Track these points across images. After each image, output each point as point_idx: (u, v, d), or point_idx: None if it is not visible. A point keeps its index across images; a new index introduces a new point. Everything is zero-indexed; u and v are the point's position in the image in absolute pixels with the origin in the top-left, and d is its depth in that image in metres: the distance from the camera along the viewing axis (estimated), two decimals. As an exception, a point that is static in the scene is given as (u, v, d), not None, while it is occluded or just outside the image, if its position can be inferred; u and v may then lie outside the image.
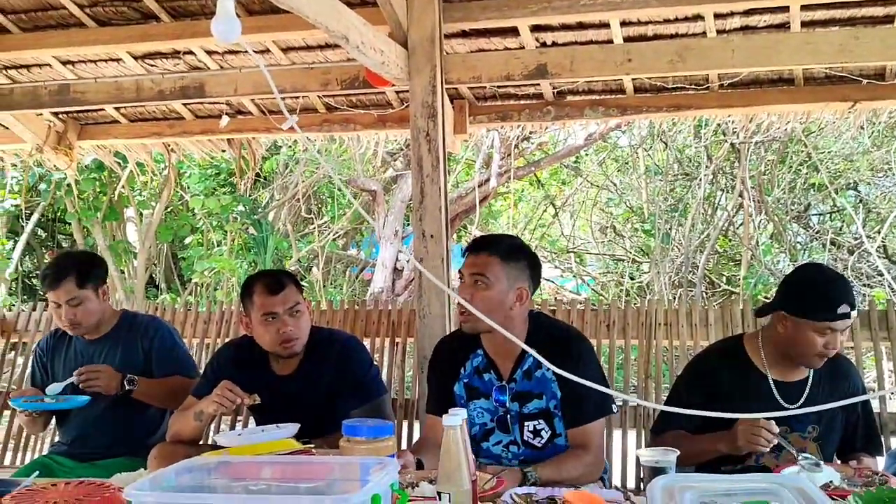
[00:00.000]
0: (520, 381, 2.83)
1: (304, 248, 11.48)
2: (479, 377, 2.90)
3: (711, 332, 4.17)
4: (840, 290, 2.74)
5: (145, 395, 3.47)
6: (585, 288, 11.57)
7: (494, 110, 4.80)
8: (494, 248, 2.81)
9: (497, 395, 2.86)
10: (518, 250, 2.87)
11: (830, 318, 2.70)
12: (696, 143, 10.55)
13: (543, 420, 2.81)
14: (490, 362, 2.88)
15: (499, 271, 2.77)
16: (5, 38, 4.50)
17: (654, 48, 4.03)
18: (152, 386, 3.49)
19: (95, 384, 3.38)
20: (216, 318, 4.89)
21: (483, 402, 2.88)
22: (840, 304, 2.69)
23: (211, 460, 2.10)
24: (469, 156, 10.28)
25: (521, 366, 2.82)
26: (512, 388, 2.83)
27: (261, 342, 3.17)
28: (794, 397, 2.83)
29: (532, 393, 2.82)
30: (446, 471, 2.04)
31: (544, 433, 2.81)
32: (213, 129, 5.12)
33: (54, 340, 3.71)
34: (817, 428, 2.84)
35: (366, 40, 3.42)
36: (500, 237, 2.99)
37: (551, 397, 2.80)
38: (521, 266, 2.83)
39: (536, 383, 2.81)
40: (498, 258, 2.79)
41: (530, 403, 2.82)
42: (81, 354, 3.60)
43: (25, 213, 10.69)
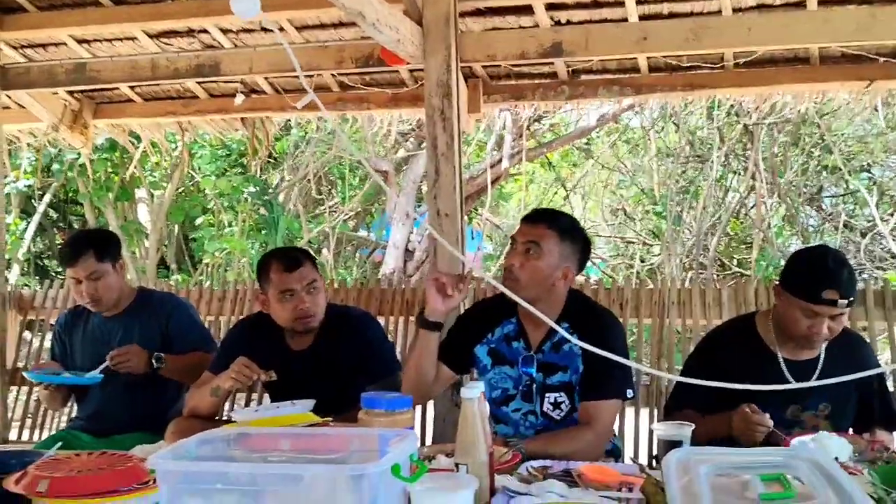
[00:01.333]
0: (547, 352, 2.86)
1: (315, 230, 11.51)
2: (507, 344, 2.92)
3: (725, 311, 4.17)
4: (831, 275, 2.70)
5: (172, 371, 3.50)
6: (596, 271, 11.57)
7: (509, 89, 4.79)
8: (554, 223, 2.83)
9: (524, 366, 2.88)
10: (576, 230, 2.89)
11: (813, 301, 2.69)
12: (708, 125, 10.51)
13: (565, 393, 2.84)
14: (521, 330, 2.90)
15: (553, 245, 2.79)
16: (22, 17, 4.53)
17: (669, 26, 4.01)
18: (178, 362, 3.51)
19: (127, 365, 3.41)
20: (230, 296, 4.92)
21: (508, 368, 2.91)
22: (826, 288, 2.67)
23: (231, 432, 2.12)
24: (481, 137, 10.28)
25: (552, 338, 2.85)
26: (539, 358, 2.85)
27: (278, 319, 3.19)
28: (804, 376, 2.81)
29: (557, 365, 2.85)
30: (463, 443, 2.06)
31: (564, 406, 2.83)
32: (228, 108, 5.12)
33: (73, 317, 3.74)
34: (829, 406, 2.82)
35: (381, 18, 3.42)
36: (562, 213, 2.99)
37: (574, 371, 2.82)
38: (575, 247, 2.85)
39: (563, 356, 2.84)
40: (556, 233, 2.80)
41: (554, 376, 2.84)
42: (99, 330, 3.63)
43: (38, 193, 10.74)
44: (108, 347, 3.53)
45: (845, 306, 2.68)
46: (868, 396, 2.88)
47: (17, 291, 5.25)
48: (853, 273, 2.76)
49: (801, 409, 2.80)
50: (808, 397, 2.79)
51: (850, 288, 2.70)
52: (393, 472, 1.71)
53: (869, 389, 2.87)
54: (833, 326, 2.74)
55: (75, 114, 5.30)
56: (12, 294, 5.14)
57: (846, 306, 2.69)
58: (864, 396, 2.88)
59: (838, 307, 2.68)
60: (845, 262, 2.79)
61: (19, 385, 4.87)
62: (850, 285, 2.70)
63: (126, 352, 3.44)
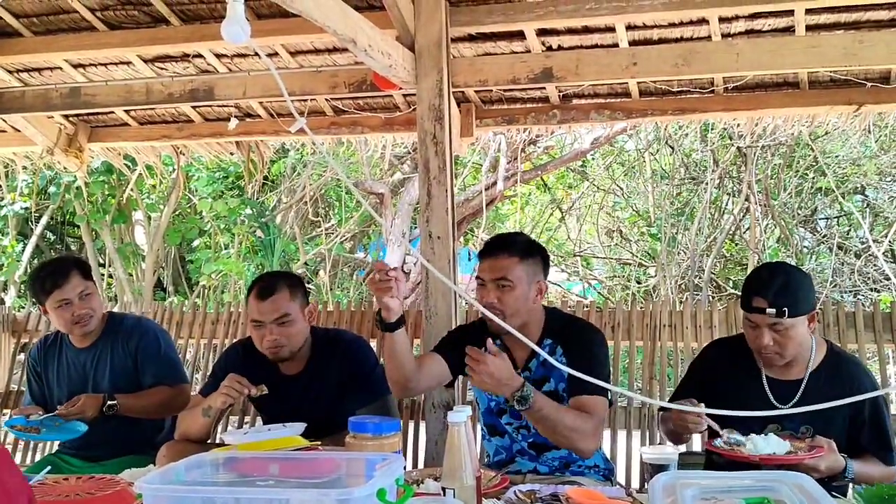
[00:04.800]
0: (535, 370, 2.92)
1: (312, 251, 11.52)
2: None
3: (716, 333, 4.18)
4: (761, 284, 2.71)
5: (131, 410, 3.46)
6: (592, 292, 11.59)
7: (501, 114, 4.83)
8: (512, 248, 2.89)
9: None
10: (532, 246, 2.96)
11: (745, 308, 2.73)
12: (702, 148, 10.56)
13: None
14: (507, 352, 2.91)
15: (520, 271, 2.86)
16: (17, 42, 4.56)
17: (659, 52, 4.06)
18: (136, 400, 3.48)
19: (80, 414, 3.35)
20: (224, 319, 4.92)
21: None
22: (754, 296, 2.69)
23: (219, 455, 2.13)
24: (476, 159, 10.32)
25: (538, 355, 2.89)
26: (527, 376, 2.86)
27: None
28: (787, 396, 2.79)
29: (545, 378, 2.91)
30: (451, 467, 2.07)
31: None
32: (222, 132, 5.16)
33: (45, 349, 3.71)
34: (811, 428, 2.76)
35: (373, 44, 3.46)
36: (513, 236, 3.05)
37: (560, 380, 2.89)
38: (537, 261, 2.93)
39: (549, 369, 2.89)
40: (517, 258, 2.88)
41: (541, 388, 2.86)
42: (73, 364, 3.62)
43: (35, 215, 10.75)
44: (85, 380, 3.53)
45: (775, 315, 2.65)
46: (859, 422, 2.78)
47: (12, 314, 5.25)
48: (795, 285, 2.71)
49: (780, 430, 2.74)
50: (789, 419, 2.75)
51: (783, 298, 2.66)
52: (379, 496, 1.72)
53: (860, 415, 2.77)
54: (778, 339, 2.71)
55: (70, 137, 5.33)
56: (6, 317, 5.14)
57: (776, 315, 2.65)
58: (855, 422, 2.78)
59: (767, 315, 2.67)
60: (786, 273, 2.75)
61: (11, 408, 4.86)
62: (784, 295, 2.67)
63: (72, 403, 3.37)
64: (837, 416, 2.72)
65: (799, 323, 2.70)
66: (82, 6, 4.28)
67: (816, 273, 10.19)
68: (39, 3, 4.34)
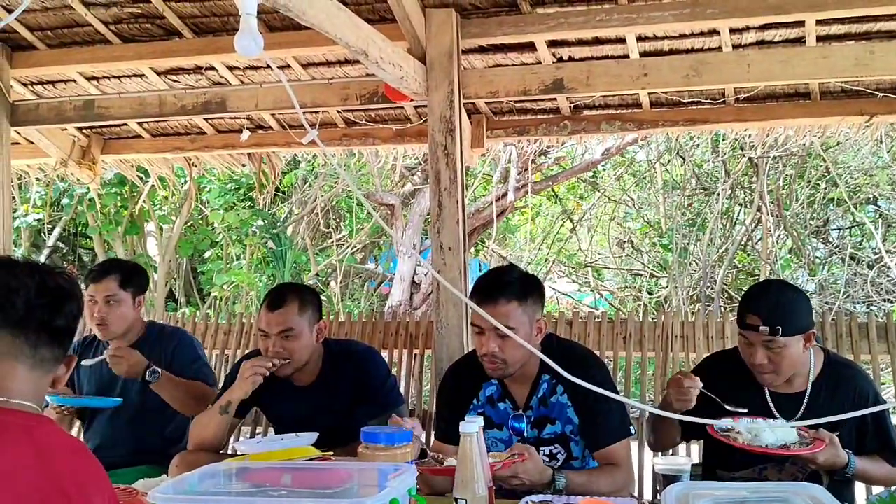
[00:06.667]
0: (536, 408, 2.82)
1: (323, 262, 11.55)
2: (492, 407, 2.87)
3: (728, 344, 4.17)
4: (755, 301, 2.70)
5: (165, 390, 3.45)
6: (603, 303, 11.57)
7: (512, 125, 4.84)
8: (510, 292, 2.72)
9: (513, 424, 2.84)
10: (528, 284, 2.81)
11: (740, 326, 2.73)
12: (713, 158, 10.55)
13: (559, 444, 2.81)
14: (505, 391, 2.87)
15: (520, 315, 2.71)
16: (32, 55, 4.61)
17: (669, 63, 4.06)
18: (175, 383, 3.48)
19: (120, 361, 3.37)
20: (236, 330, 4.95)
21: (496, 432, 2.86)
22: (748, 313, 2.68)
23: (232, 465, 2.14)
24: (487, 170, 10.34)
25: (537, 393, 2.82)
26: (529, 415, 2.82)
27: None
28: (791, 409, 2.77)
29: (548, 418, 2.81)
30: (463, 477, 2.07)
31: (560, 456, 2.81)
32: (234, 144, 5.20)
33: (82, 348, 3.77)
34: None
35: (385, 56, 3.48)
36: (507, 275, 2.83)
37: (567, 423, 2.79)
38: (535, 299, 2.79)
39: (552, 408, 2.81)
40: (517, 302, 2.72)
41: (546, 429, 2.81)
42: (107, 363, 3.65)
43: (48, 227, 10.83)
44: (115, 381, 3.56)
45: (768, 333, 2.63)
46: (864, 429, 2.78)
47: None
48: (789, 304, 2.70)
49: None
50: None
51: (777, 316, 2.64)
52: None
53: (864, 422, 2.76)
54: (772, 357, 2.68)
55: (83, 149, 5.37)
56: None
57: (769, 333, 2.63)
58: (859, 430, 2.77)
59: (760, 333, 2.64)
60: (782, 292, 2.75)
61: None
62: (777, 314, 2.64)
63: (125, 350, 3.42)
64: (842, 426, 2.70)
65: (793, 342, 2.68)
66: (96, 20, 4.32)
67: (829, 284, 10.16)
68: (54, 17, 4.38)
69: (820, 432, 2.56)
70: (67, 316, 1.55)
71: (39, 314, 1.50)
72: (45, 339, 1.52)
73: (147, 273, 3.91)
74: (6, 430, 1.41)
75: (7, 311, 1.48)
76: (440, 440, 2.92)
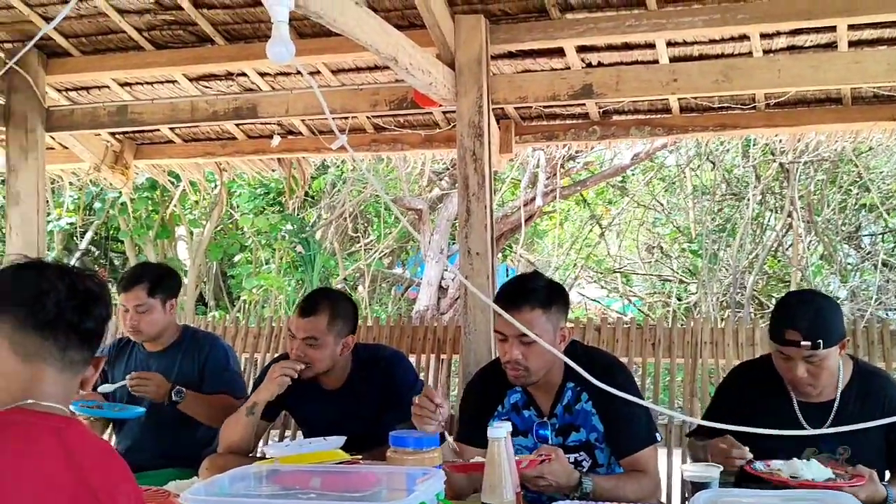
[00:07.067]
0: (560, 415, 2.81)
1: (351, 267, 11.60)
2: (517, 415, 2.86)
3: (758, 350, 4.15)
4: (793, 316, 2.65)
5: (192, 408, 3.53)
6: (632, 308, 11.52)
7: (540, 130, 4.84)
8: (534, 300, 2.71)
9: (538, 431, 2.83)
10: (553, 292, 2.79)
11: (778, 342, 2.67)
12: (744, 163, 10.48)
13: (584, 452, 2.79)
14: (529, 398, 2.85)
15: (544, 322, 2.69)
16: (67, 61, 4.68)
17: (699, 68, 4.04)
18: (200, 401, 3.55)
19: (144, 390, 3.46)
20: (265, 333, 4.98)
21: (521, 439, 2.84)
22: (787, 328, 2.63)
23: (262, 468, 2.17)
24: (515, 175, 10.33)
25: (561, 400, 2.80)
26: (554, 423, 2.81)
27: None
28: (819, 419, 2.72)
29: (573, 426, 2.80)
30: (490, 482, 2.08)
31: (585, 463, 2.79)
32: (265, 149, 5.24)
33: (117, 349, 3.82)
34: (848, 449, 2.71)
35: (414, 62, 3.49)
36: (532, 283, 2.82)
37: (591, 430, 2.77)
38: (559, 307, 2.77)
39: (577, 416, 2.79)
40: (540, 310, 2.70)
41: (571, 436, 2.80)
42: (141, 365, 3.70)
43: (80, 231, 10.96)
44: None
45: (810, 348, 2.59)
46: (891, 440, 2.74)
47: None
48: (827, 315, 2.66)
49: (817, 453, 2.69)
50: (824, 441, 2.69)
51: (817, 329, 2.60)
52: (419, 510, 1.74)
53: (893, 433, 2.71)
54: (812, 370, 2.65)
55: (117, 154, 5.44)
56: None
57: (811, 348, 2.59)
58: (888, 440, 2.74)
59: (802, 348, 2.60)
60: (817, 303, 2.71)
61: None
62: (817, 326, 2.61)
63: (146, 376, 3.49)
64: (873, 434, 2.66)
65: (832, 353, 2.65)
66: (130, 27, 4.38)
67: (861, 290, 10.04)
68: (89, 24, 4.45)
69: (858, 468, 2.51)
70: (96, 318, 1.56)
71: (69, 316, 1.51)
72: (74, 341, 1.53)
73: (178, 275, 3.95)
74: (36, 432, 1.43)
75: (37, 313, 1.49)
76: (461, 442, 2.91)
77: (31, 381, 1.48)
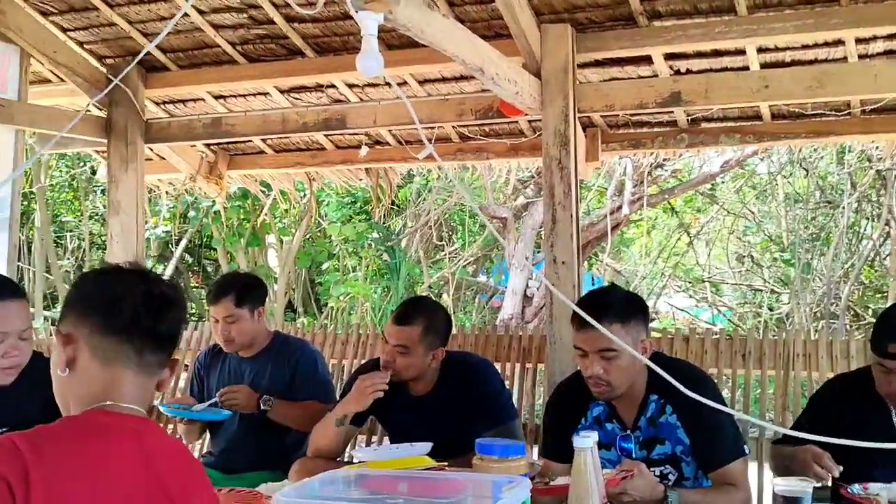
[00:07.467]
0: (644, 428, 2.76)
1: (435, 275, 11.67)
2: (600, 427, 2.80)
3: (853, 363, 4.02)
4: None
5: (281, 416, 3.61)
6: (721, 319, 11.29)
7: (627, 138, 4.80)
8: (612, 314, 2.63)
9: (622, 444, 2.79)
10: (630, 304, 2.75)
11: (881, 355, 2.60)
12: (839, 170, 10.18)
13: (670, 465, 2.74)
14: (612, 411, 2.82)
15: (623, 336, 2.59)
16: (165, 76, 4.86)
17: (791, 74, 3.96)
18: (289, 408, 3.62)
19: (234, 403, 3.57)
20: (353, 340, 5.06)
21: (605, 452, 2.77)
22: (891, 341, 2.56)
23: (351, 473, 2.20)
24: (601, 183, 10.25)
25: (645, 413, 2.76)
26: (637, 436, 2.77)
27: None
28: None
29: (657, 438, 2.75)
30: (577, 493, 2.07)
31: (671, 476, 2.74)
32: (353, 159, 5.33)
33: (211, 357, 3.93)
34: None
35: (500, 72, 3.52)
36: (608, 297, 2.77)
37: (677, 443, 2.73)
38: (639, 320, 2.72)
39: (661, 429, 2.74)
40: (620, 324, 2.63)
41: (656, 449, 2.75)
42: (234, 371, 3.80)
43: (175, 239, 11.31)
44: None
45: None
46: None
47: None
48: None
49: None
50: None
51: None
52: (505, 518, 1.75)
53: None
54: None
55: (211, 165, 5.60)
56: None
57: None
58: None
59: None
60: None
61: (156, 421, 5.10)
62: None
63: (234, 390, 3.59)
64: None
65: None
66: (224, 41, 4.52)
67: (964, 302, 9.64)
68: (185, 39, 4.61)
69: None
70: (171, 322, 1.59)
71: (144, 321, 1.54)
72: (150, 345, 1.56)
73: (263, 283, 4.04)
74: (116, 433, 1.47)
75: (114, 317, 1.53)
76: (548, 457, 2.90)
77: (110, 383, 1.52)
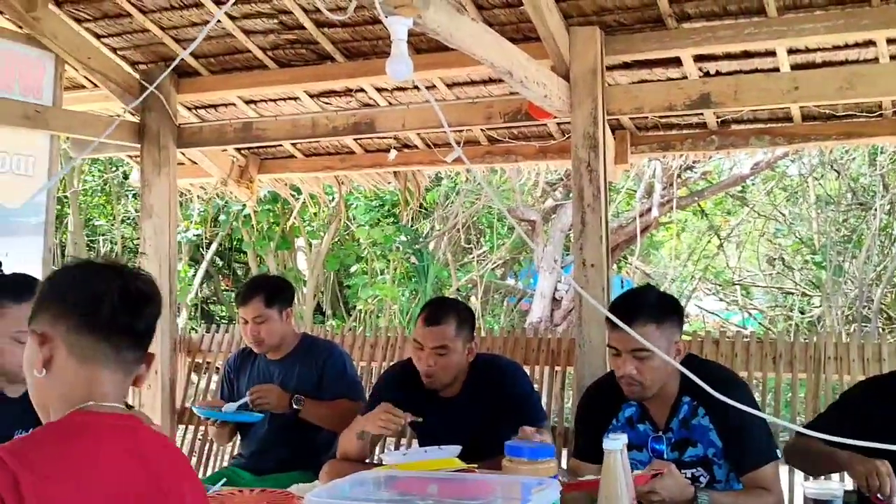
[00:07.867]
0: (676, 430, 2.76)
1: (464, 278, 11.68)
2: (631, 428, 2.81)
3: (885, 367, 3.97)
4: None
5: (312, 415, 3.65)
6: (752, 322, 11.20)
7: (656, 140, 4.79)
8: (647, 315, 2.65)
9: (653, 445, 2.79)
10: (665, 305, 2.75)
11: None
12: (871, 172, 10.07)
13: (702, 467, 2.74)
14: (644, 412, 2.81)
15: (657, 338, 2.61)
16: (197, 81, 4.92)
17: (822, 75, 3.93)
18: (319, 407, 3.67)
19: (265, 403, 3.62)
20: (382, 343, 5.07)
21: (636, 453, 2.78)
22: None
23: (381, 474, 2.23)
24: (630, 185, 10.21)
25: (677, 414, 2.75)
26: (669, 437, 2.76)
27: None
28: None
29: (689, 440, 2.75)
30: (607, 494, 2.08)
31: (703, 479, 2.73)
32: (381, 163, 5.35)
33: (241, 359, 3.98)
34: None
35: (529, 75, 3.52)
36: (642, 298, 2.78)
37: (709, 445, 2.72)
38: (673, 321, 2.72)
39: (693, 431, 2.74)
40: (654, 325, 2.64)
41: (687, 451, 2.75)
42: (263, 373, 3.85)
43: (206, 242, 11.42)
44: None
45: None
46: None
47: (186, 336, 5.60)
48: None
49: None
50: None
51: None
52: (535, 520, 1.76)
53: None
54: None
55: (242, 169, 5.66)
56: (181, 338, 5.49)
57: None
58: None
59: None
60: None
61: (186, 424, 5.17)
62: None
63: (265, 390, 3.64)
64: None
65: None
66: (255, 46, 4.57)
67: None
68: (217, 45, 4.66)
69: None
70: (148, 318, 1.57)
71: (122, 318, 1.53)
72: (128, 342, 1.54)
73: (291, 285, 4.09)
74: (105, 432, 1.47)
75: (93, 316, 1.51)
76: (577, 458, 2.91)
77: (90, 382, 1.51)
